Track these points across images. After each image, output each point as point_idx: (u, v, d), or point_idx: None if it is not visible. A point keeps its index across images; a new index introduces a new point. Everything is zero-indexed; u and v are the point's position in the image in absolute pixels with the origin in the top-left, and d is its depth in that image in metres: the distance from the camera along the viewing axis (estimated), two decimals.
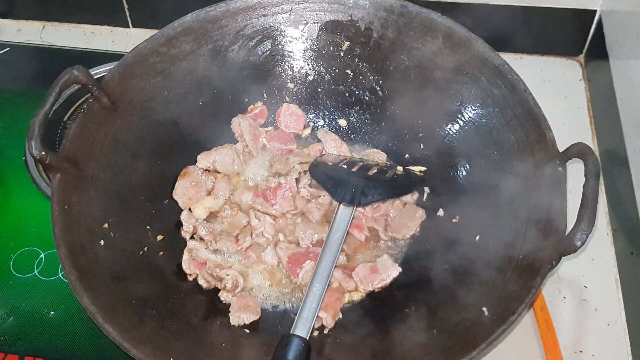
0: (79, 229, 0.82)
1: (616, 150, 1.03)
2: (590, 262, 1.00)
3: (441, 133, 0.99)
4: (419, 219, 0.97)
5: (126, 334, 0.75)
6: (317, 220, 0.98)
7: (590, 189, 0.74)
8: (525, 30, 1.21)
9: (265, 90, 1.06)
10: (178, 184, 0.99)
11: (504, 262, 0.82)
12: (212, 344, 0.85)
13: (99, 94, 0.87)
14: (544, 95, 0.91)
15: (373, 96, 1.04)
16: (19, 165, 1.10)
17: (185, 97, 1.00)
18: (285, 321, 0.89)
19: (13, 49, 1.27)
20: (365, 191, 0.92)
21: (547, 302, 0.94)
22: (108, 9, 1.29)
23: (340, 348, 0.86)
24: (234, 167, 1.02)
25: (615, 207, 1.03)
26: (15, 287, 0.97)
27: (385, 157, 1.04)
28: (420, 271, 0.92)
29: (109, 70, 0.92)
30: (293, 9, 1.01)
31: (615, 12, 1.11)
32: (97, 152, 0.89)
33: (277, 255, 0.94)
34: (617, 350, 0.91)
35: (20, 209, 1.06)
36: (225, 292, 0.91)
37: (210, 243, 0.95)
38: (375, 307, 0.91)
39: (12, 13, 1.33)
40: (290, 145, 1.05)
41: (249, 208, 0.98)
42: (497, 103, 0.91)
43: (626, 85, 1.04)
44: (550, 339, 0.90)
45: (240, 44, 1.01)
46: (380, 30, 0.99)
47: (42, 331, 0.93)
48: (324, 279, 0.85)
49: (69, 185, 0.83)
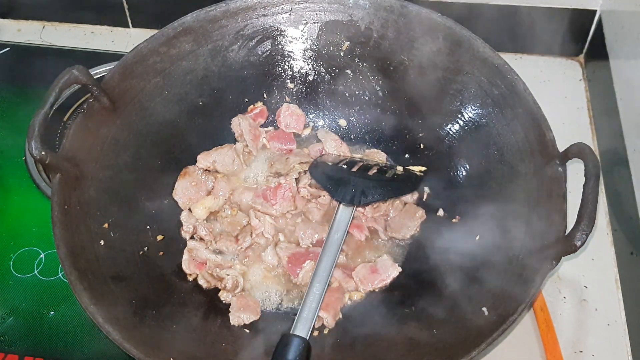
0: (79, 229, 0.82)
1: (616, 150, 1.03)
2: (590, 262, 1.00)
3: (441, 133, 0.99)
4: (419, 219, 0.97)
5: (126, 334, 0.75)
6: (317, 220, 0.98)
7: (590, 189, 0.74)
8: (525, 30, 1.21)
9: (265, 90, 1.06)
10: (178, 184, 0.99)
11: (504, 262, 0.82)
12: (212, 344, 0.85)
13: (99, 94, 0.87)
14: (544, 95, 0.91)
15: (373, 96, 1.04)
16: (19, 165, 1.10)
17: (185, 97, 1.00)
18: (285, 321, 0.89)
19: (13, 49, 1.27)
20: (365, 191, 0.92)
21: (547, 302, 0.94)
22: (108, 9, 1.29)
23: (340, 348, 0.86)
24: (234, 167, 1.02)
25: (615, 207, 1.03)
26: (15, 287, 0.97)
27: (385, 157, 1.04)
28: (420, 271, 0.92)
29: (109, 70, 0.92)
30: (293, 9, 1.01)
31: (615, 12, 1.11)
32: (97, 152, 0.89)
33: (277, 255, 0.94)
34: (617, 350, 0.91)
35: (20, 209, 1.06)
36: (225, 292, 0.91)
37: (210, 243, 0.95)
38: (375, 308, 0.91)
39: (12, 13, 1.33)
40: (290, 145, 1.05)
41: (249, 208, 0.98)
42: (497, 103, 0.91)
43: (626, 85, 1.04)
44: (550, 339, 0.90)
45: (240, 44, 1.01)
46: (380, 30, 0.99)
47: (42, 331, 0.93)
48: (324, 279, 0.85)
49: (69, 185, 0.83)
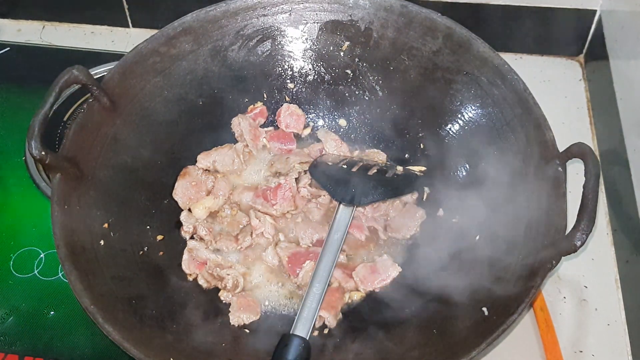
0: (79, 229, 0.82)
1: (616, 150, 1.03)
2: (590, 262, 1.00)
3: (441, 133, 0.99)
4: (419, 219, 0.97)
5: (126, 334, 0.75)
6: (317, 220, 0.98)
7: (590, 189, 0.74)
8: (525, 30, 1.21)
9: (265, 90, 1.06)
10: (178, 184, 0.99)
11: (504, 262, 0.82)
12: (212, 344, 0.85)
13: (99, 94, 0.87)
14: (544, 95, 0.91)
15: (373, 96, 1.04)
16: (19, 165, 1.10)
17: (185, 97, 1.00)
18: (285, 321, 0.89)
19: (13, 49, 1.27)
20: (365, 191, 0.92)
21: (547, 302, 0.94)
22: (108, 9, 1.29)
23: (340, 348, 0.86)
24: (234, 167, 1.02)
25: (615, 207, 1.03)
26: (15, 287, 0.97)
27: (385, 157, 1.04)
28: (420, 271, 0.92)
29: (109, 70, 0.92)
30: (293, 9, 1.01)
31: (615, 12, 1.11)
32: (97, 152, 0.89)
33: (277, 255, 0.94)
34: (617, 350, 0.91)
35: (20, 209, 1.06)
36: (226, 291, 0.91)
37: (210, 243, 0.95)
38: (375, 307, 0.91)
39: (12, 13, 1.33)
40: (290, 145, 1.05)
41: (249, 208, 0.98)
42: (497, 103, 0.91)
43: (626, 85, 1.04)
44: (550, 339, 0.90)
45: (240, 44, 1.01)
46: (380, 30, 0.99)
47: (42, 331, 0.93)
48: (324, 279, 0.85)
49: (69, 185, 0.83)
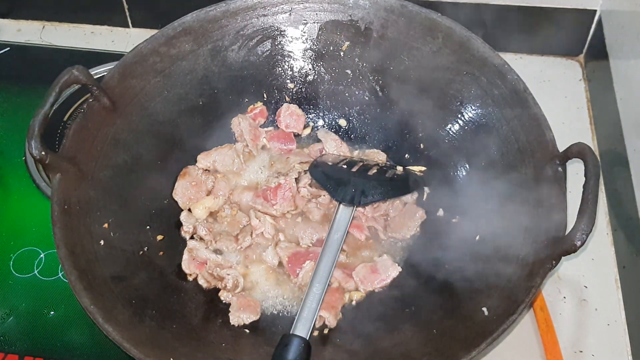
0: (79, 229, 0.82)
1: (616, 150, 1.03)
2: (590, 262, 1.00)
3: (441, 133, 0.99)
4: (419, 219, 0.97)
5: (126, 334, 0.75)
6: (317, 220, 0.98)
7: (590, 189, 0.74)
8: (525, 30, 1.21)
9: (265, 90, 1.06)
10: (178, 184, 0.99)
11: (504, 262, 0.82)
12: (212, 344, 0.85)
13: (99, 94, 0.87)
14: (544, 95, 0.91)
15: (373, 96, 1.04)
16: (19, 165, 1.10)
17: (185, 97, 1.00)
18: (285, 321, 0.89)
19: (13, 49, 1.27)
20: (365, 191, 0.92)
21: (547, 302, 0.94)
22: (108, 9, 1.29)
23: (340, 348, 0.86)
24: (234, 167, 1.02)
25: (615, 207, 1.03)
26: (15, 287, 0.97)
27: (385, 157, 1.04)
28: (420, 271, 0.92)
29: (109, 70, 0.92)
30: (293, 9, 1.01)
31: (615, 12, 1.11)
32: (97, 152, 0.89)
33: (277, 255, 0.94)
34: (617, 350, 0.91)
35: (20, 209, 1.06)
36: (226, 291, 0.91)
37: (210, 243, 0.95)
38: (375, 307, 0.91)
39: (12, 13, 1.33)
40: (290, 145, 1.05)
41: (249, 208, 0.98)
42: (497, 103, 0.91)
43: (626, 85, 1.04)
44: (550, 339, 0.90)
45: (240, 44, 1.01)
46: (380, 30, 0.99)
47: (42, 331, 0.93)
48: (324, 279, 0.85)
49: (69, 185, 0.83)
